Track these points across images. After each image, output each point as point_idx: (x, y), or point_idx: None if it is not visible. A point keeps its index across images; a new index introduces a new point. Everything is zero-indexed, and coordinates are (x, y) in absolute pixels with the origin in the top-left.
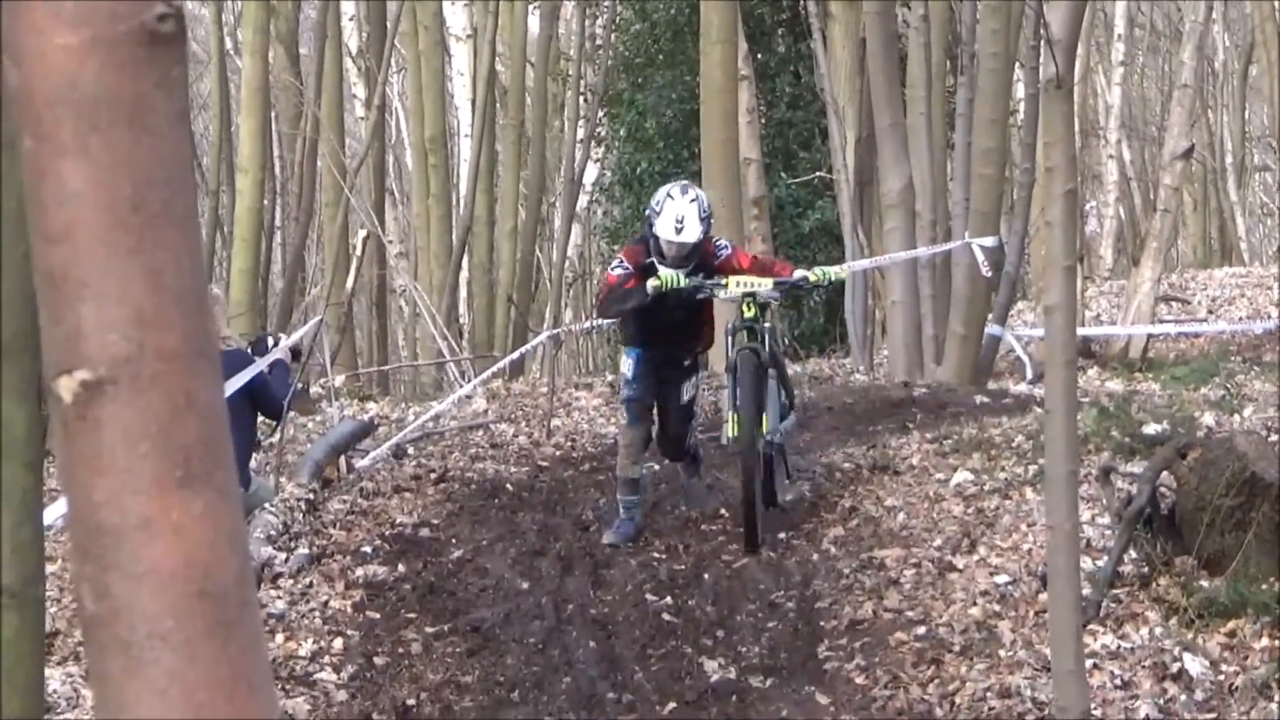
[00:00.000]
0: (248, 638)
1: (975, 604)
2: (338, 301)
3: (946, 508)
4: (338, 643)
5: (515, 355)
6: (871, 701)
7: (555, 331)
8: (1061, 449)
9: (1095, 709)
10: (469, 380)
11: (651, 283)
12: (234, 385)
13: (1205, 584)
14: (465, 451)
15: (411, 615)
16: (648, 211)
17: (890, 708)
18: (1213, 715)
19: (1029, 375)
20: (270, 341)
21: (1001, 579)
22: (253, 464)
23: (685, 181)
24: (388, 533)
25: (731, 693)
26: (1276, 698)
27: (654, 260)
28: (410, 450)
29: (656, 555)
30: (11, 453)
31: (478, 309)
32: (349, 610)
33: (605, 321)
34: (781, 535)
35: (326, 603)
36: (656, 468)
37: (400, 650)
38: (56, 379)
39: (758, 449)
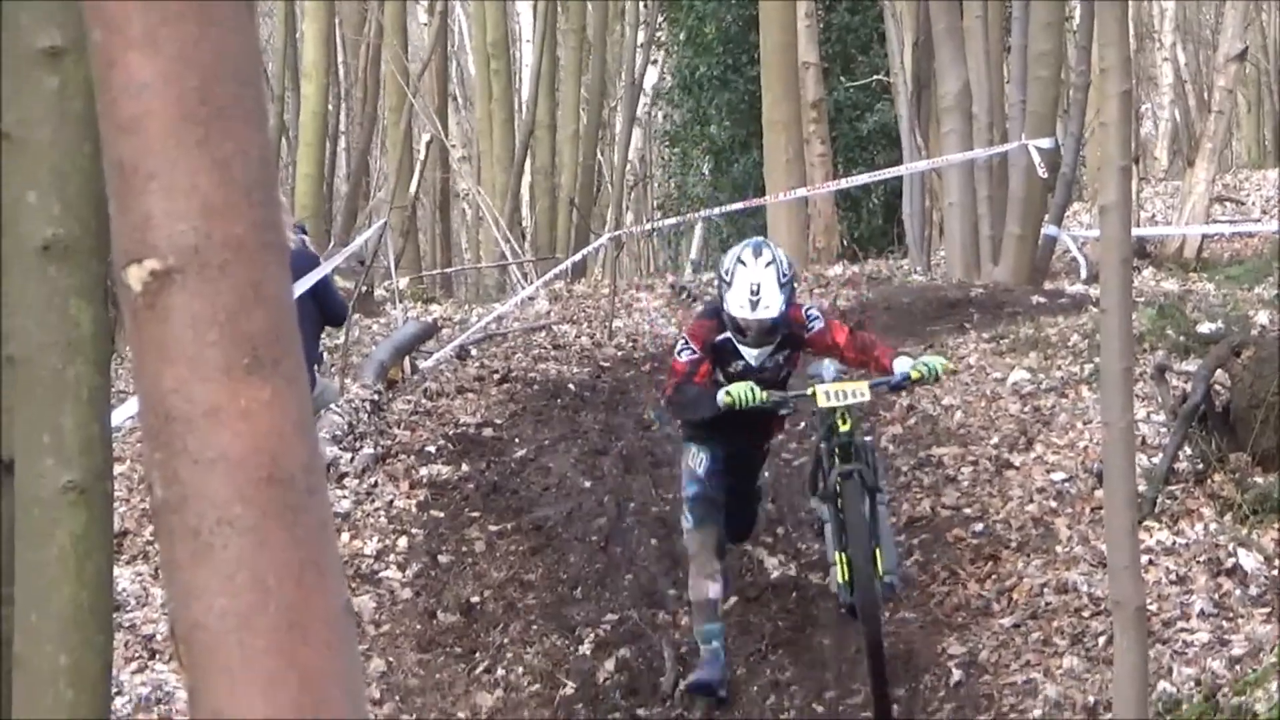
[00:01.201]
0: (316, 524)
1: (1032, 501)
2: (401, 205)
3: (1003, 406)
4: (402, 541)
5: (577, 257)
6: (930, 598)
7: (616, 234)
8: (1117, 347)
9: (1150, 603)
10: (531, 282)
11: (722, 398)
12: (301, 287)
13: (1259, 480)
14: (528, 352)
15: (475, 514)
16: (717, 280)
17: (948, 604)
18: (1267, 610)
19: (1084, 275)
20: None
21: (1058, 476)
22: (318, 366)
23: (759, 240)
24: (451, 432)
25: (792, 588)
26: None
27: (729, 337)
28: (473, 351)
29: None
30: (79, 350)
31: (540, 212)
32: (413, 509)
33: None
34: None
35: (391, 502)
36: None
37: (464, 548)
38: (126, 268)
39: (877, 596)
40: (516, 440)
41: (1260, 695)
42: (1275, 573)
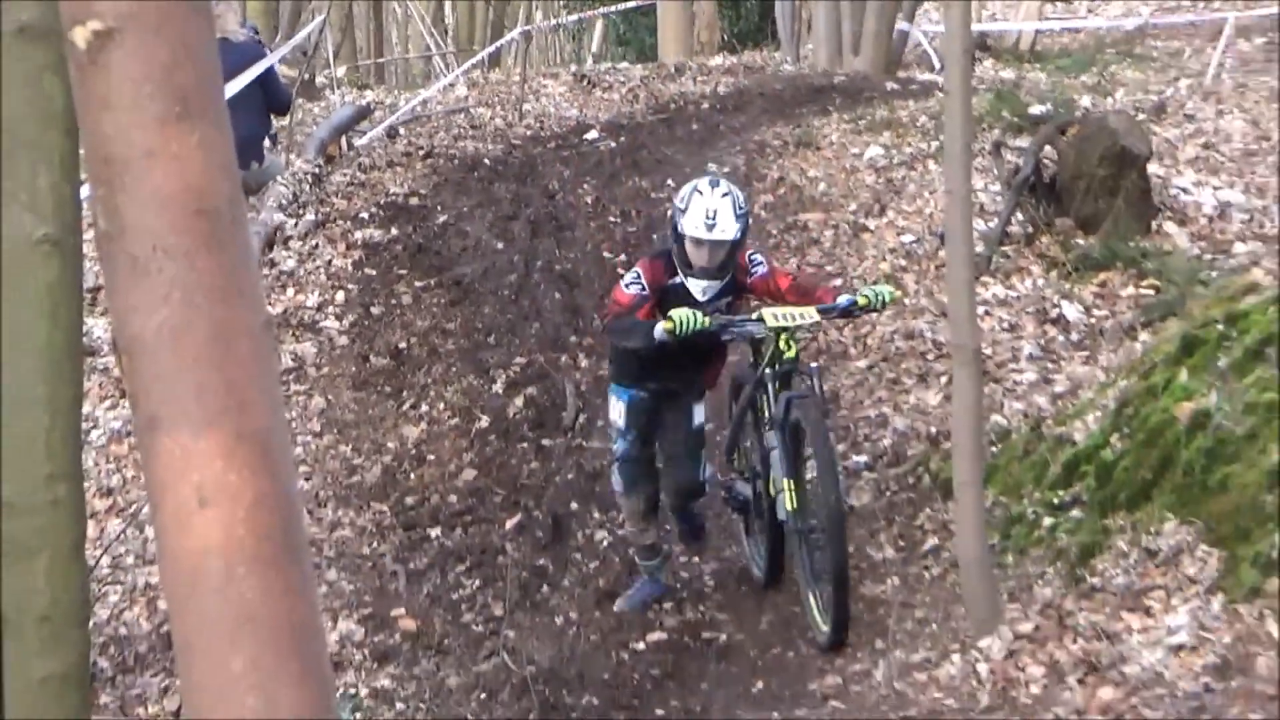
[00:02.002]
0: (239, 251)
1: (884, 259)
2: (340, 0)
3: (860, 178)
4: (339, 295)
5: (492, 49)
6: (809, 342)
7: (527, 29)
8: (958, 126)
9: (985, 348)
10: (452, 71)
11: (662, 326)
12: (249, 76)
13: (1081, 242)
14: (449, 132)
15: (402, 271)
16: (670, 212)
17: (812, 348)
18: (1085, 354)
19: (935, 65)
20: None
21: (907, 238)
22: (268, 145)
23: (714, 175)
24: (382, 201)
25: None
26: (1141, 338)
27: (680, 281)
28: (401, 131)
29: (612, 219)
30: (53, 121)
31: (460, 10)
32: (349, 267)
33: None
34: (716, 165)
35: (330, 261)
36: None
37: (393, 301)
38: (72, 29)
39: (844, 519)
40: (439, 208)
41: (1078, 426)
42: (1093, 321)
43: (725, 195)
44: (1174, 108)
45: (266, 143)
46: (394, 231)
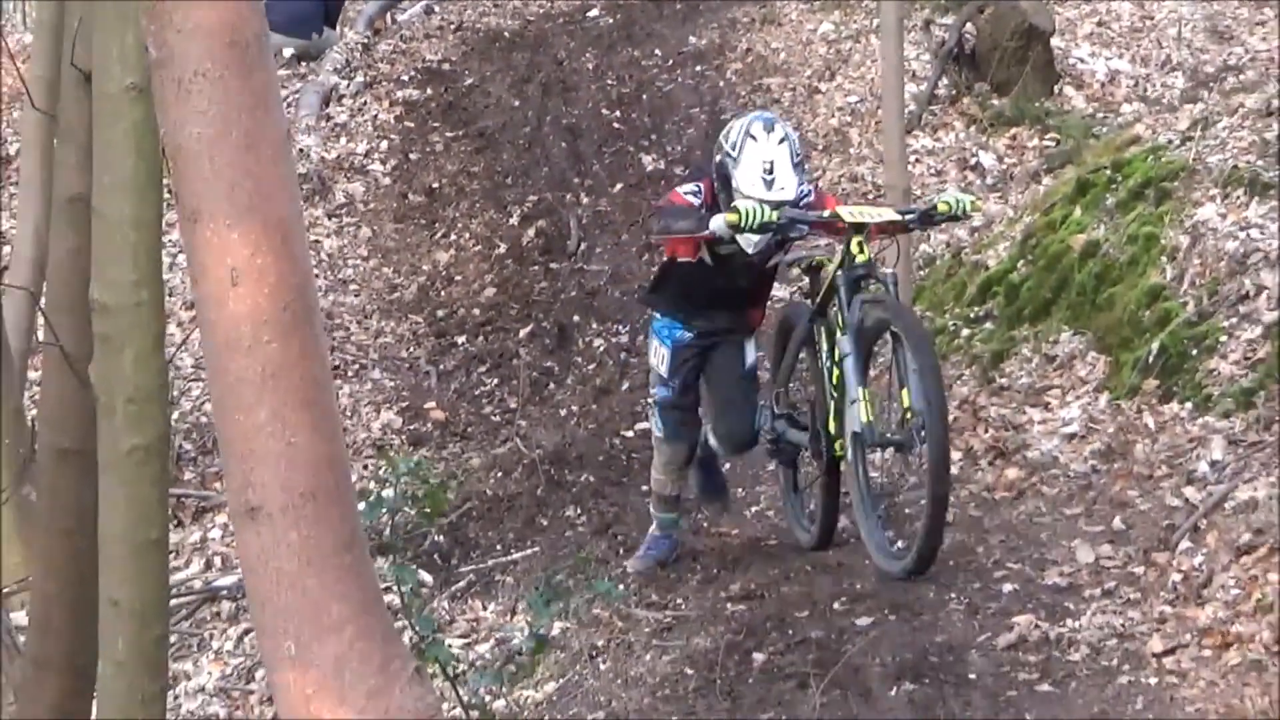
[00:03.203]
0: (266, 77)
1: (834, 116)
2: None
3: (815, 49)
4: (384, 144)
5: None
6: None
7: None
8: (892, 5)
9: (915, 189)
10: None
11: (725, 217)
12: None
13: (995, 102)
14: (475, 9)
15: (436, 124)
16: (718, 155)
17: None
18: (998, 194)
19: None
20: None
21: (852, 98)
22: (328, 23)
23: (767, 114)
24: (419, 66)
25: (661, 178)
26: (1044, 181)
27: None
28: (436, 8)
29: (610, 82)
30: None
31: None
32: (392, 121)
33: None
34: (697, 68)
35: (376, 116)
36: None
37: (428, 149)
38: None
39: (947, 440)
40: (466, 72)
41: (991, 254)
42: (1005, 167)
43: (782, 141)
44: None
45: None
46: (429, 91)
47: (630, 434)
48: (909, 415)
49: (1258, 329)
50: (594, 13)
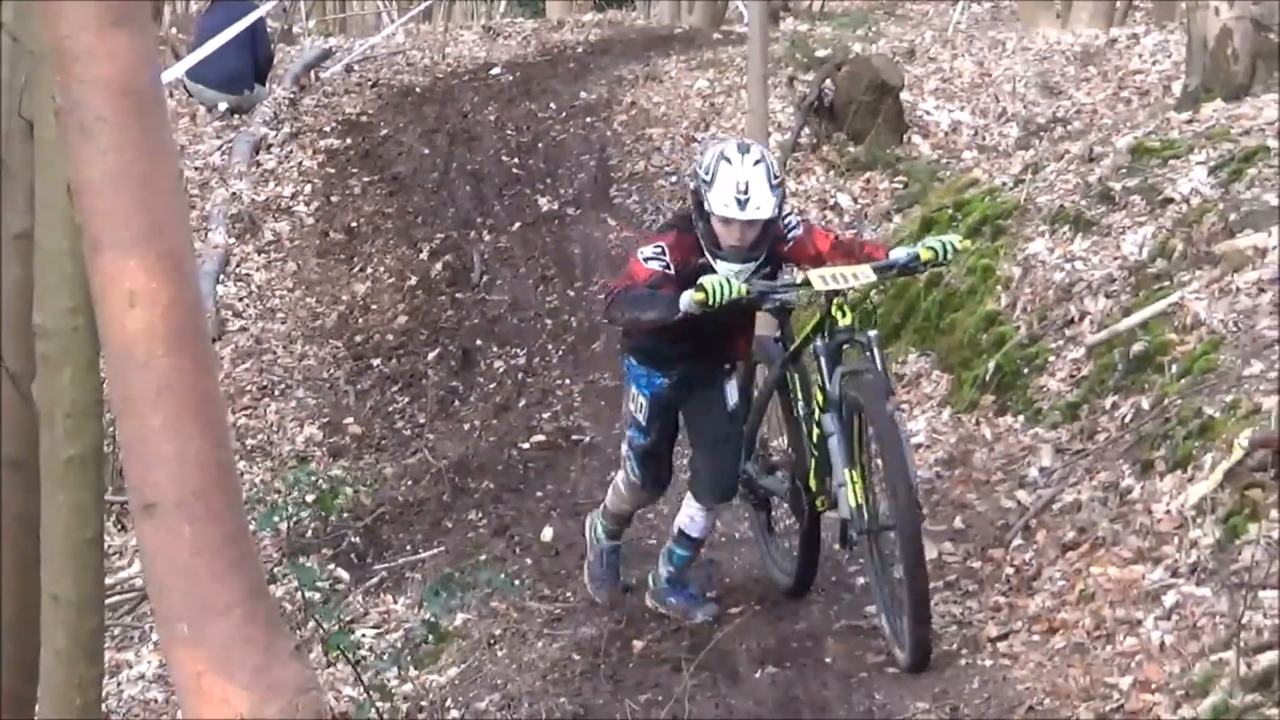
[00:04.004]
0: (158, 122)
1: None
2: None
3: (691, 103)
4: (308, 187)
5: (424, 5)
6: (643, 222)
7: (427, 2)
8: (758, 64)
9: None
10: (394, 23)
11: (691, 296)
12: (243, 25)
13: (851, 149)
14: (390, 68)
15: (354, 170)
16: (693, 182)
17: (652, 226)
18: (854, 230)
19: (745, 19)
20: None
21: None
22: (258, 81)
23: (744, 139)
24: (340, 118)
25: (555, 218)
26: (894, 220)
27: (706, 259)
28: (355, 67)
29: (510, 132)
30: None
31: None
32: (315, 167)
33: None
34: (588, 119)
35: (301, 163)
36: None
37: (347, 192)
38: None
39: (919, 516)
40: (381, 124)
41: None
42: (859, 207)
43: (758, 163)
44: (921, 52)
45: (259, 79)
46: (348, 141)
47: (526, 446)
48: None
49: (1081, 350)
50: (496, 70)
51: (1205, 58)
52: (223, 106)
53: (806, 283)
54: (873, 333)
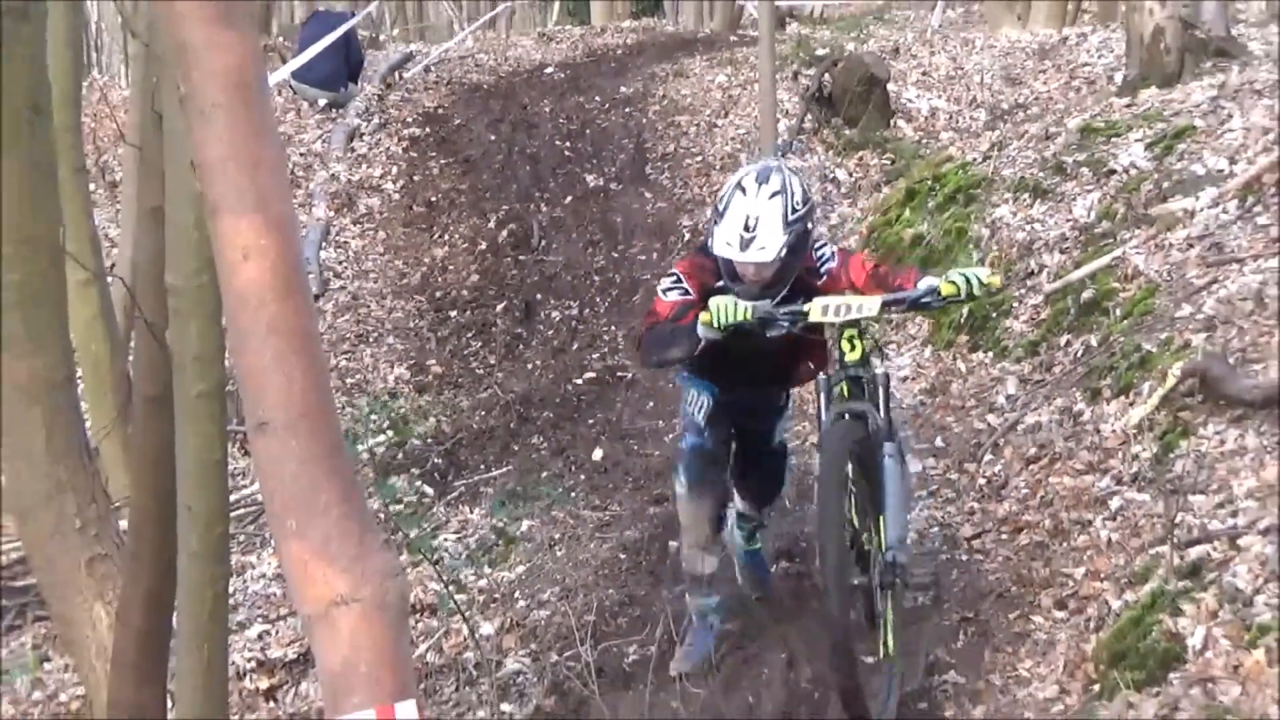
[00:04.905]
0: (265, 109)
1: (728, 144)
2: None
3: (713, 95)
4: (394, 169)
5: (489, 17)
6: (673, 195)
7: (510, 4)
8: (768, 61)
9: None
10: (465, 30)
11: (700, 318)
12: (338, 32)
13: (847, 133)
14: (461, 68)
15: (433, 154)
16: (712, 209)
17: (681, 198)
18: (849, 200)
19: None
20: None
21: (741, 130)
22: (352, 80)
23: (771, 164)
24: (420, 111)
25: (600, 192)
26: (883, 191)
27: (725, 282)
28: (432, 68)
29: (561, 120)
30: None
31: None
32: (400, 152)
33: None
34: (626, 109)
35: (388, 148)
36: None
37: (427, 172)
38: None
39: (842, 585)
40: (455, 115)
41: (844, 244)
42: (854, 180)
43: (774, 195)
44: (904, 50)
45: (353, 79)
46: (427, 130)
47: (579, 381)
48: (882, 551)
49: (1040, 297)
50: (549, 70)
51: (1142, 52)
52: (322, 102)
53: (806, 312)
54: (881, 369)
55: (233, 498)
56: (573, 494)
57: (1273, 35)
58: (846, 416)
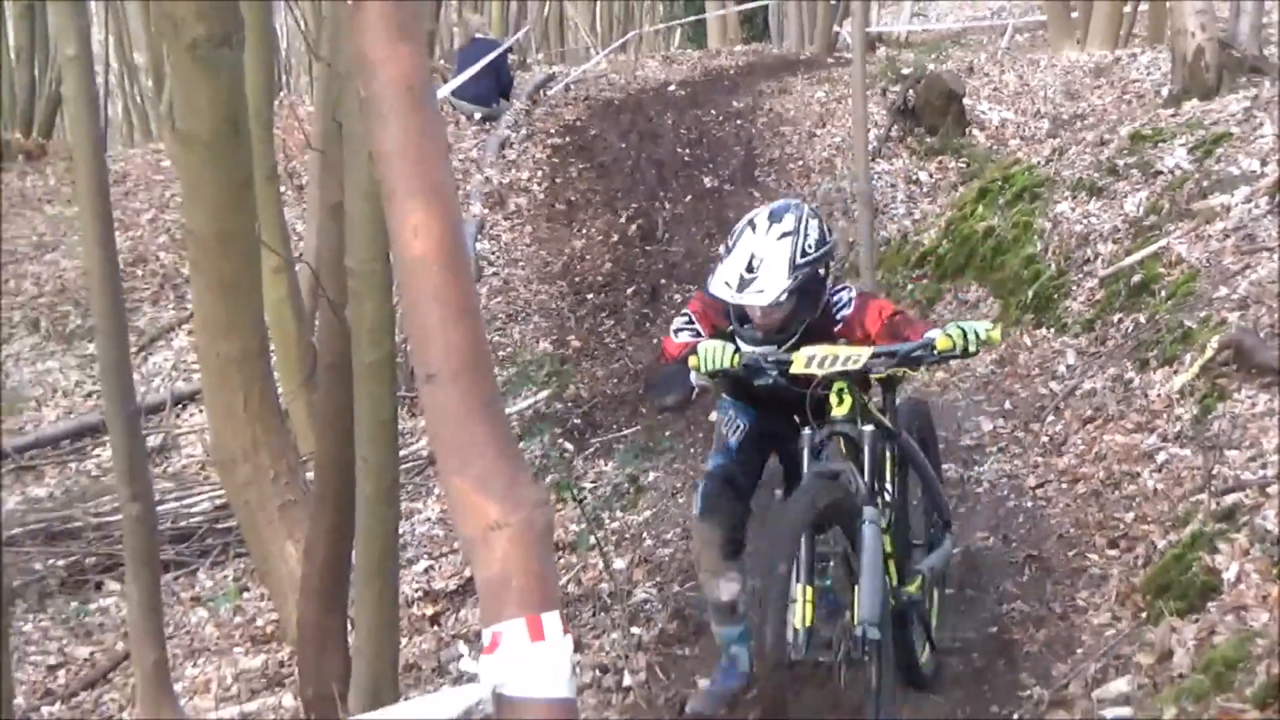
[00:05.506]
0: (432, 112)
1: (825, 150)
2: (530, 28)
3: (812, 108)
4: (539, 172)
5: (619, 43)
6: (778, 194)
7: (638, 32)
8: (859, 79)
9: (877, 195)
10: (599, 54)
11: (691, 364)
12: (491, 56)
13: (928, 140)
14: (596, 87)
15: (572, 160)
16: (723, 245)
17: (787, 196)
18: (930, 198)
19: (850, 48)
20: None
21: (837, 139)
22: (503, 98)
23: (790, 202)
24: (561, 123)
25: (715, 192)
26: (959, 190)
27: (734, 325)
28: (571, 87)
29: (682, 131)
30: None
31: (602, 20)
32: (544, 158)
33: None
34: (738, 121)
35: (534, 155)
36: None
37: (568, 175)
38: None
39: (822, 659)
40: (590, 127)
41: (926, 236)
42: (934, 180)
43: (784, 236)
44: (978, 69)
45: (504, 96)
46: (567, 139)
47: None
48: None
49: (1095, 281)
50: (671, 88)
51: (1184, 69)
52: (477, 116)
53: (790, 362)
54: (869, 428)
55: (401, 453)
56: (692, 449)
57: None
58: (815, 480)
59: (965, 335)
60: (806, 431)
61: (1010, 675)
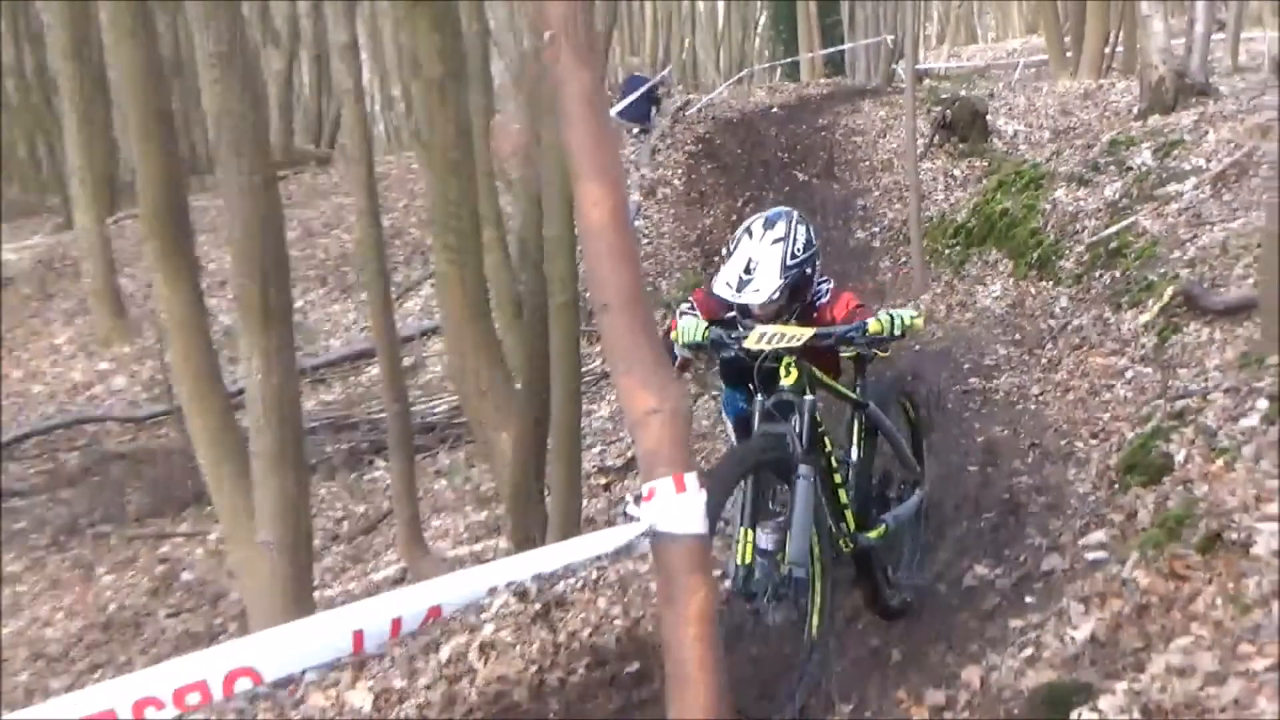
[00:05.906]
0: (603, 112)
1: (886, 154)
2: (671, 66)
3: (876, 123)
4: (679, 171)
5: (736, 78)
6: (851, 185)
7: (749, 70)
8: (910, 102)
9: (924, 186)
10: (722, 85)
11: (673, 336)
12: (645, 87)
13: (961, 146)
14: (720, 109)
15: (703, 161)
16: (724, 248)
17: (856, 188)
18: (962, 189)
19: (904, 79)
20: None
21: (894, 145)
22: (655, 112)
23: (782, 210)
24: (694, 136)
25: (806, 184)
26: (983, 183)
27: (736, 315)
28: (702, 109)
29: (782, 140)
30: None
31: (724, 59)
32: (682, 160)
33: None
34: (822, 133)
35: (675, 158)
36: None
37: (700, 173)
38: (539, 33)
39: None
40: (716, 138)
41: (960, 214)
42: (965, 175)
43: (778, 241)
44: (997, 94)
45: (654, 112)
46: (699, 146)
47: None
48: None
49: (1082, 246)
50: (775, 109)
51: (1150, 93)
52: (635, 130)
53: (745, 336)
54: (809, 398)
55: (582, 369)
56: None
57: (1235, 81)
58: (760, 439)
59: (893, 321)
60: (759, 399)
61: (1019, 529)
